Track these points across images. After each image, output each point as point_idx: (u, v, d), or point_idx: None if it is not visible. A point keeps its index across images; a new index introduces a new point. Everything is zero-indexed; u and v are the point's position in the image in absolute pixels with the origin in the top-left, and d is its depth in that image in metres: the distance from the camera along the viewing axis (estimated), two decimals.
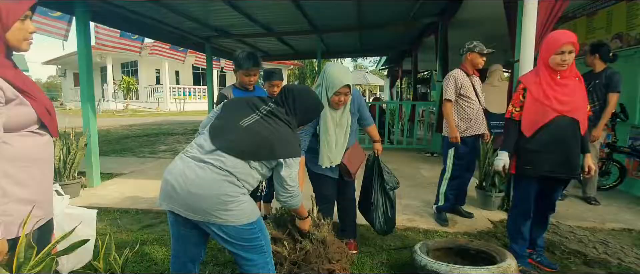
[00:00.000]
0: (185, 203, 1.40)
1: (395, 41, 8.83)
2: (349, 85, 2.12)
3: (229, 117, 1.52)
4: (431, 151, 6.76)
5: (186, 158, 1.47)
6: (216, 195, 1.39)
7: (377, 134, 2.63)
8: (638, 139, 4.00)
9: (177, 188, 1.40)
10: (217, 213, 1.39)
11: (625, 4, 4.19)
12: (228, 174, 1.42)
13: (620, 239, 2.83)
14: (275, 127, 1.51)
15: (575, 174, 2.16)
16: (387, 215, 2.49)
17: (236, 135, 1.46)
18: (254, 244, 1.51)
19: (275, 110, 1.55)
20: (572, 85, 2.11)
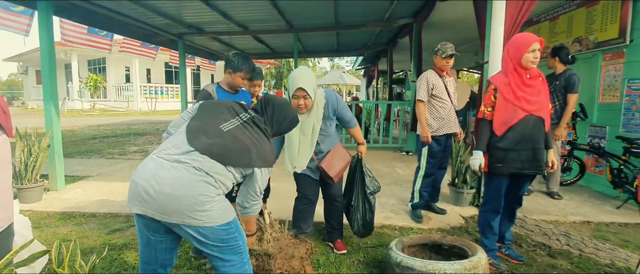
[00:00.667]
0: (160, 205, 1.34)
1: (371, 41, 8.94)
2: (304, 88, 2.10)
3: (208, 119, 1.50)
4: (406, 149, 6.91)
5: (158, 159, 1.41)
6: (193, 195, 1.35)
7: (361, 136, 2.58)
8: (596, 137, 4.27)
9: (150, 190, 1.33)
10: (194, 214, 1.35)
11: (585, 10, 4.45)
12: (205, 175, 1.39)
13: (581, 231, 3.01)
14: (254, 135, 1.52)
15: (541, 170, 2.27)
16: (366, 219, 2.51)
17: (216, 139, 1.44)
18: (231, 244, 1.49)
19: (255, 118, 1.57)
20: (537, 85, 2.22)
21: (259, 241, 2.00)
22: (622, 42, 3.87)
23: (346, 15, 6.38)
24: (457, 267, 1.80)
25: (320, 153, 2.41)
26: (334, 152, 2.42)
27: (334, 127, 2.46)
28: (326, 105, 2.30)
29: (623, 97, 3.90)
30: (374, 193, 2.51)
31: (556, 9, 5.01)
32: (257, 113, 1.60)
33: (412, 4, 5.65)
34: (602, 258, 2.49)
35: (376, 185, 2.53)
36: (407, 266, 1.90)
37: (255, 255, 1.94)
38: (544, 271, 2.32)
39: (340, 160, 2.42)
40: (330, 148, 2.42)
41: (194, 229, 1.39)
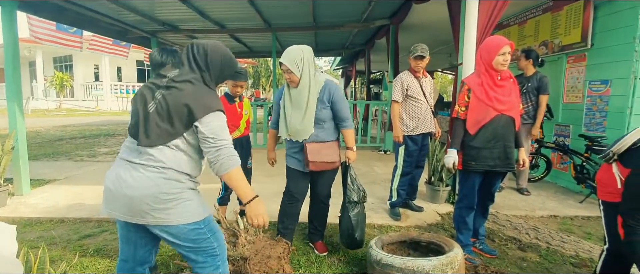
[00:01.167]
0: (123, 205, 1.37)
1: (349, 42, 9.03)
2: (284, 62, 2.22)
3: (137, 111, 1.43)
4: (384, 149, 7.02)
5: (121, 161, 1.44)
6: (152, 195, 1.33)
7: (351, 141, 2.39)
8: (561, 135, 4.52)
9: (114, 191, 1.38)
10: (155, 213, 1.35)
11: (550, 15, 4.70)
12: (162, 170, 1.36)
13: (548, 225, 3.17)
14: (180, 91, 1.39)
15: (512, 167, 2.38)
16: (348, 232, 2.37)
17: (148, 124, 1.38)
18: (203, 245, 1.46)
19: (176, 76, 1.43)
20: (508, 86, 2.32)
21: (234, 246, 1.98)
22: (584, 45, 4.11)
23: (324, 16, 6.41)
24: (434, 263, 1.86)
25: (315, 137, 2.33)
26: (325, 144, 2.34)
27: (330, 119, 2.36)
28: (323, 88, 2.31)
29: (585, 97, 4.15)
30: (355, 203, 2.39)
31: (524, 14, 5.26)
32: (180, 69, 1.47)
33: (389, 6, 5.75)
34: (568, 250, 2.64)
35: (360, 195, 2.40)
36: (387, 263, 1.94)
37: (232, 260, 1.92)
38: (514, 264, 2.43)
39: (326, 154, 2.32)
40: (326, 140, 2.35)
41: (161, 229, 1.39)
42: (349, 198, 2.39)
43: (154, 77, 1.53)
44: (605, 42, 3.90)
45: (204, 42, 1.48)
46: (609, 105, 3.84)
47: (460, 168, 2.42)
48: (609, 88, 3.84)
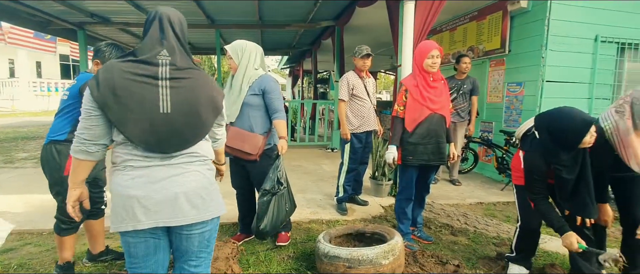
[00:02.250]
0: (169, 208, 1.23)
1: (296, 41, 9.09)
2: (227, 48, 2.39)
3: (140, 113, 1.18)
4: (331, 147, 7.21)
5: (144, 169, 1.23)
6: (204, 186, 1.31)
7: (284, 131, 2.39)
8: (486, 131, 5.06)
9: (155, 195, 1.22)
10: (208, 206, 1.32)
11: (476, 23, 5.22)
12: (205, 161, 1.35)
13: (475, 211, 3.55)
14: (195, 80, 1.26)
15: (444, 161, 2.63)
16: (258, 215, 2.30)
17: (172, 128, 1.22)
18: (210, 244, 1.44)
19: (176, 62, 1.24)
20: (440, 87, 2.56)
21: None
22: (503, 51, 4.66)
23: (270, 14, 6.39)
24: (377, 251, 2.00)
25: (241, 123, 2.39)
26: (250, 134, 2.35)
27: (260, 108, 2.39)
28: (259, 79, 2.40)
29: (504, 97, 4.70)
30: (266, 192, 2.29)
31: (454, 21, 5.77)
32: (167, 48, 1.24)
33: (333, 8, 5.92)
34: (491, 232, 2.99)
35: (273, 184, 2.31)
36: (334, 255, 2.03)
37: None
38: (447, 248, 2.69)
39: (245, 143, 2.33)
40: (252, 131, 2.37)
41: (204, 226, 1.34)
42: (263, 186, 2.33)
43: (131, 63, 1.20)
44: (520, 49, 4.45)
45: (167, 9, 1.28)
46: (523, 104, 4.39)
47: (400, 163, 2.62)
48: (522, 90, 4.40)
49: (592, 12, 4.13)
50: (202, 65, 25.82)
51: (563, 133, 1.76)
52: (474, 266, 2.36)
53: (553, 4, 4.01)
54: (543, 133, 1.85)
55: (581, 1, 4.09)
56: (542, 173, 1.87)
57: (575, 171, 1.81)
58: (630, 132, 1.80)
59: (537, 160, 1.87)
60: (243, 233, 2.75)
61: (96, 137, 1.23)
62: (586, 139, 1.72)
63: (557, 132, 1.78)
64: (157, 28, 1.24)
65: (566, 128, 1.74)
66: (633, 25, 4.25)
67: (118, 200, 1.23)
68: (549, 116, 1.85)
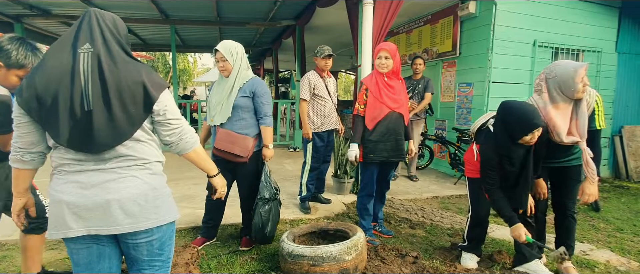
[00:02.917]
0: (102, 215, 1.15)
1: (257, 40, 8.94)
2: (219, 50, 2.30)
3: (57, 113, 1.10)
4: (294, 146, 7.20)
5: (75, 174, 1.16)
6: (143, 193, 1.19)
7: (269, 138, 2.43)
8: (440, 129, 5.35)
9: (87, 202, 1.14)
10: (147, 214, 1.20)
11: (430, 27, 5.49)
12: (145, 165, 1.22)
13: (432, 205, 3.74)
14: (121, 69, 1.13)
15: (403, 157, 2.74)
16: (259, 227, 2.41)
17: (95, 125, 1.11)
18: (170, 246, 1.35)
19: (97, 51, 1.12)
20: (397, 86, 2.65)
21: None
22: (454, 54, 4.94)
23: (229, 11, 6.23)
24: (341, 248, 2.03)
25: (231, 125, 2.37)
26: (239, 136, 2.34)
27: (250, 111, 2.38)
28: (250, 81, 2.38)
29: (456, 97, 4.99)
30: (267, 200, 2.41)
31: (410, 24, 6.02)
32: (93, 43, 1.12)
33: (294, 7, 5.91)
34: (446, 224, 3.17)
35: (272, 192, 2.43)
36: (298, 254, 2.03)
37: None
38: (406, 240, 2.81)
39: (234, 145, 2.32)
40: (241, 132, 2.36)
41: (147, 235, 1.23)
42: (261, 194, 2.42)
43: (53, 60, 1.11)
44: (469, 52, 4.76)
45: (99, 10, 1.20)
46: (472, 103, 4.70)
47: (361, 160, 2.68)
48: (472, 90, 4.70)
49: (530, 19, 4.53)
50: (156, 62, 24.49)
51: (516, 123, 1.88)
52: (431, 256, 2.48)
53: (497, 10, 4.33)
54: (499, 120, 1.99)
55: (521, 8, 4.47)
56: (494, 164, 2.01)
57: (517, 164, 1.98)
58: (548, 105, 1.99)
59: (490, 151, 2.01)
60: (204, 236, 2.67)
61: (29, 145, 1.17)
62: (527, 138, 1.86)
63: (511, 121, 1.90)
64: (86, 24, 1.15)
65: (520, 119, 1.86)
66: (565, 32, 4.72)
67: (51, 205, 1.16)
68: (510, 106, 1.95)
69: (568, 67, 1.95)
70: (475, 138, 2.20)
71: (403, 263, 2.32)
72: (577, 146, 2.06)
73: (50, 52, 1.14)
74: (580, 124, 1.98)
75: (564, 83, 1.95)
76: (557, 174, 2.20)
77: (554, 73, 1.99)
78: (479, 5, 4.54)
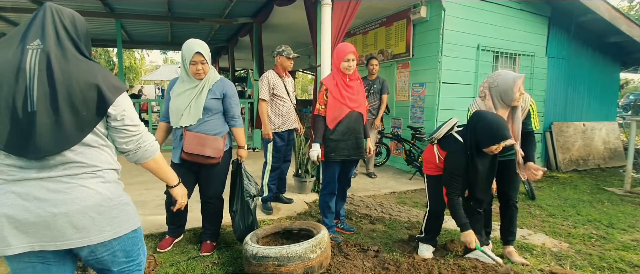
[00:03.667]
0: (48, 230, 1.04)
1: (211, 37, 8.64)
2: (202, 53, 2.18)
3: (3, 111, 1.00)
4: (252, 147, 7.07)
5: (13, 184, 1.04)
6: (95, 204, 1.08)
7: (243, 140, 2.50)
8: (396, 127, 5.58)
9: (30, 216, 1.02)
10: (100, 227, 1.10)
11: (384, 29, 5.70)
12: (97, 173, 1.11)
13: (390, 200, 3.90)
14: (74, 69, 1.04)
15: (363, 155, 2.82)
16: (247, 223, 2.47)
17: (38, 127, 1.01)
18: (137, 255, 1.25)
19: (47, 48, 1.03)
20: (356, 86, 2.73)
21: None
22: (408, 55, 5.19)
23: (182, 6, 5.95)
24: (306, 246, 2.05)
25: (199, 128, 2.29)
26: (209, 138, 2.30)
27: (219, 112, 2.35)
28: (219, 82, 2.32)
29: (410, 97, 5.24)
30: (252, 197, 2.49)
31: (366, 26, 6.21)
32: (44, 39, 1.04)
33: (251, 4, 5.80)
34: (403, 218, 3.32)
35: (256, 188, 2.53)
36: (263, 256, 2.01)
37: None
38: (367, 236, 2.90)
39: (206, 147, 2.28)
40: (210, 133, 2.31)
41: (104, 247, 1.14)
42: (248, 192, 2.46)
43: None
44: (421, 54, 5.02)
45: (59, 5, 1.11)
46: (425, 103, 4.97)
47: (323, 159, 2.72)
48: (424, 90, 4.97)
49: (475, 24, 4.89)
50: (98, 59, 22.64)
51: (486, 134, 2.04)
52: (391, 249, 2.59)
53: (446, 16, 4.62)
54: (471, 128, 2.13)
55: (467, 15, 4.81)
56: (462, 171, 2.15)
57: (485, 169, 2.15)
58: (490, 110, 2.21)
59: (460, 158, 2.15)
60: (172, 236, 2.63)
61: None
62: (493, 147, 2.04)
63: (482, 131, 2.06)
64: (40, 19, 1.06)
65: (490, 131, 2.03)
66: (504, 38, 5.17)
67: None
68: (484, 117, 2.10)
69: (508, 78, 2.17)
70: (440, 144, 2.32)
71: (365, 257, 2.40)
72: (528, 146, 2.30)
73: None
74: (516, 128, 2.23)
75: (504, 92, 2.17)
76: (500, 168, 2.42)
77: (496, 83, 2.21)
78: (429, 10, 4.81)
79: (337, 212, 2.97)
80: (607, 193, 4.38)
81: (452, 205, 2.18)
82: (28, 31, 1.04)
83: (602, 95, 6.58)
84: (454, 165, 2.17)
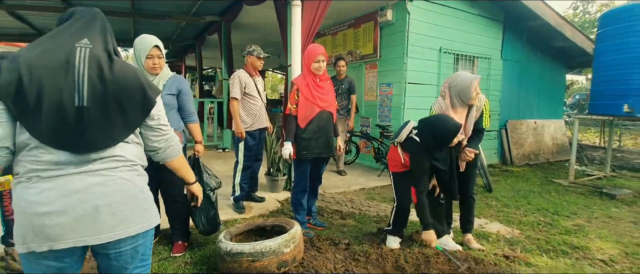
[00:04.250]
0: (90, 225, 1.05)
1: (177, 35, 8.40)
2: (159, 47, 2.16)
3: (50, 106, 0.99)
4: (222, 147, 6.99)
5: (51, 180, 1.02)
6: (133, 197, 1.13)
7: (199, 134, 2.55)
8: (364, 126, 5.76)
9: (71, 210, 1.02)
10: (137, 219, 1.14)
11: (353, 30, 5.86)
12: (133, 166, 1.16)
13: (359, 196, 4.04)
14: (120, 69, 1.09)
15: (333, 153, 2.93)
16: (209, 216, 2.49)
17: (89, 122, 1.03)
18: (148, 257, 1.28)
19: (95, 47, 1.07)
20: (327, 86, 2.83)
21: None
22: (376, 56, 5.38)
23: (147, 3, 5.77)
24: (280, 241, 2.11)
25: None
26: None
27: (173, 108, 2.37)
28: (172, 79, 2.33)
29: (378, 96, 5.44)
30: (214, 190, 2.51)
31: (335, 27, 6.34)
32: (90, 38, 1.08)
33: (219, 3, 5.74)
34: (372, 212, 3.47)
35: (217, 181, 2.54)
36: (237, 252, 2.05)
37: None
38: (338, 230, 3.01)
39: None
40: None
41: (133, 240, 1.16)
42: (208, 185, 2.46)
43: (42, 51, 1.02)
44: (388, 55, 5.23)
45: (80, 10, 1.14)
46: (392, 102, 5.18)
47: (295, 157, 2.79)
48: (391, 90, 5.18)
49: (437, 28, 5.17)
50: None
51: (443, 134, 2.22)
52: (361, 242, 2.72)
53: (411, 19, 4.85)
54: (426, 135, 2.30)
55: (430, 19, 5.07)
56: (425, 171, 2.31)
57: (447, 164, 2.32)
58: (449, 108, 2.41)
59: (422, 160, 2.31)
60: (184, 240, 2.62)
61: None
62: (454, 140, 2.23)
63: (440, 133, 2.23)
64: (87, 20, 1.10)
65: (445, 130, 2.22)
66: (463, 41, 5.50)
67: (23, 219, 1.01)
68: (431, 122, 2.30)
69: (466, 79, 2.38)
70: (402, 146, 2.47)
71: (337, 250, 2.50)
72: (473, 140, 2.51)
73: (40, 40, 1.05)
74: (469, 125, 2.46)
75: (462, 91, 2.38)
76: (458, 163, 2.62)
77: (455, 83, 2.41)
78: (395, 13, 5.01)
79: (309, 209, 3.06)
80: (555, 184, 4.81)
81: (420, 204, 2.33)
82: (74, 30, 1.07)
83: (551, 95, 7.18)
84: (418, 166, 2.34)
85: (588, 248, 2.68)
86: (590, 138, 10.07)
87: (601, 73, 4.86)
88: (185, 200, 2.52)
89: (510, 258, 2.40)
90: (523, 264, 2.29)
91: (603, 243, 2.80)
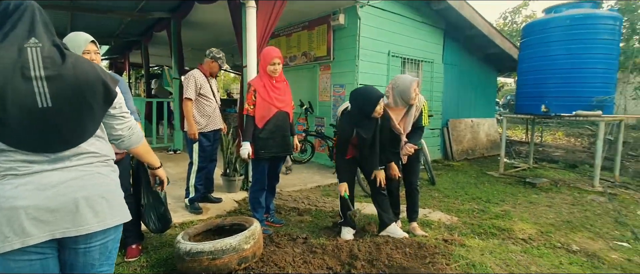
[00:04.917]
0: (74, 216, 1.07)
1: (121, 30, 7.89)
2: (95, 42, 2.10)
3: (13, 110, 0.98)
4: (174, 148, 6.74)
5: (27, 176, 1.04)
6: (109, 190, 1.16)
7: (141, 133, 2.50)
8: (319, 125, 5.94)
9: (53, 204, 1.04)
10: (112, 211, 1.16)
11: (307, 32, 6.01)
12: (107, 161, 1.19)
13: (315, 193, 4.20)
14: (79, 66, 1.08)
15: (290, 152, 3.04)
16: (159, 213, 2.37)
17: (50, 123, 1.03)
18: (114, 256, 1.27)
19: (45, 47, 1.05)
20: (283, 87, 2.93)
21: None
22: (329, 58, 5.57)
23: None
24: (240, 238, 2.18)
25: None
26: None
27: None
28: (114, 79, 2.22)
29: (331, 97, 5.64)
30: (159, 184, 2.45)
31: (290, 28, 6.44)
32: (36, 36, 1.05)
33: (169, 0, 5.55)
34: (328, 208, 3.64)
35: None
36: (197, 252, 2.08)
37: None
38: (296, 226, 3.13)
39: None
40: None
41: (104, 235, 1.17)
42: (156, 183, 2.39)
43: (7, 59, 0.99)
44: (341, 57, 5.45)
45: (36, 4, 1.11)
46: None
47: (253, 157, 2.86)
48: (344, 91, 5.41)
49: (386, 33, 5.51)
50: None
51: (364, 102, 2.49)
52: (318, 236, 2.87)
53: (361, 24, 5.12)
54: (352, 103, 2.57)
55: (379, 24, 5.39)
56: (348, 136, 2.58)
57: (370, 133, 2.54)
58: (390, 107, 2.67)
59: (345, 124, 2.58)
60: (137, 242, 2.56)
61: None
62: (377, 108, 2.49)
63: (360, 101, 2.51)
64: (28, 16, 1.06)
65: (366, 98, 2.49)
66: (409, 46, 5.92)
67: (1, 214, 1.01)
68: (357, 91, 2.60)
69: (406, 81, 2.67)
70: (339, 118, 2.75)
71: (295, 245, 2.62)
72: (413, 136, 2.78)
73: None
74: (407, 122, 2.76)
75: (403, 92, 2.65)
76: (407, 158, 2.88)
77: (397, 84, 2.69)
78: (347, 17, 5.25)
79: (267, 206, 3.14)
80: (488, 176, 5.38)
81: (338, 163, 2.69)
82: (19, 31, 1.02)
83: (485, 96, 7.96)
84: (342, 129, 2.63)
85: (512, 230, 3.10)
86: (518, 134, 11.30)
87: (524, 77, 5.54)
88: (134, 199, 2.49)
89: (449, 241, 2.71)
90: (458, 246, 2.60)
91: (524, 224, 3.25)
